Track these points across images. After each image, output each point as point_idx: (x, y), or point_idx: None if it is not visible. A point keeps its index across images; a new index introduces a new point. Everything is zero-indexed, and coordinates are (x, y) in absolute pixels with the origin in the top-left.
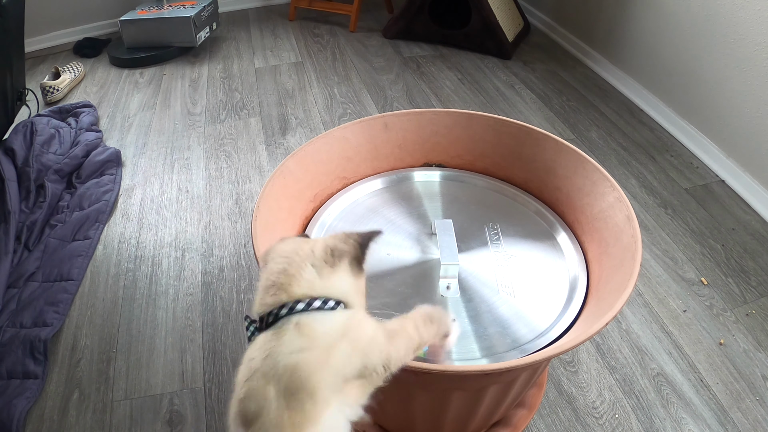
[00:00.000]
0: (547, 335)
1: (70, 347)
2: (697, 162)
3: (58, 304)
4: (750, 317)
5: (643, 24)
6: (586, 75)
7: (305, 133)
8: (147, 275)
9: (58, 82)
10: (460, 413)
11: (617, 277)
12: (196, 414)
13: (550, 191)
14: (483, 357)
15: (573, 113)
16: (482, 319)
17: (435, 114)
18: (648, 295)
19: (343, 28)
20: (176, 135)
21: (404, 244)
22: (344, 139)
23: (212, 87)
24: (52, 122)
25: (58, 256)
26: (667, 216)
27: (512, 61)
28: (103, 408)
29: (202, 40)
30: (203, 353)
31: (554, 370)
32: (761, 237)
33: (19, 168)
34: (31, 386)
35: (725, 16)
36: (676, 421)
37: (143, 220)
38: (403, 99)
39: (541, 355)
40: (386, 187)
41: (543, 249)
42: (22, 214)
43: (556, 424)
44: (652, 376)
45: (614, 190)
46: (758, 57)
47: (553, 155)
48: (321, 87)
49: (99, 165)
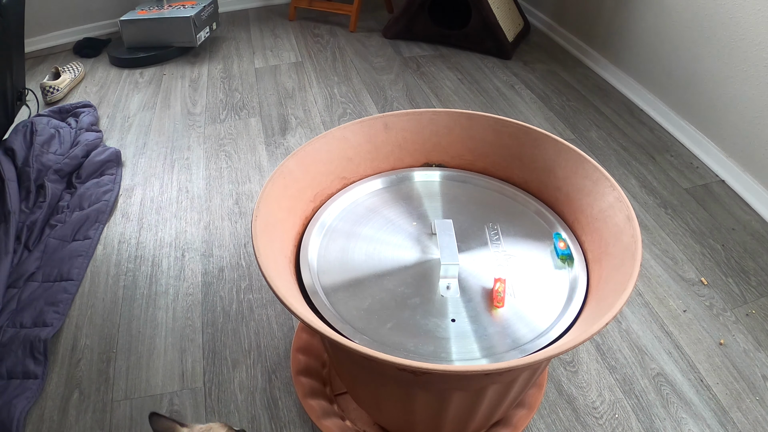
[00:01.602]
0: (547, 335)
1: (70, 347)
2: (697, 162)
3: (58, 304)
4: (750, 317)
5: (643, 24)
6: (586, 75)
7: (305, 133)
8: (147, 275)
9: (58, 82)
10: (460, 413)
11: (617, 277)
12: (196, 414)
13: (550, 191)
14: (483, 357)
15: (573, 113)
16: (482, 319)
17: (435, 114)
18: (648, 295)
19: (343, 28)
20: (176, 135)
21: (404, 244)
22: (344, 139)
23: (212, 87)
24: (52, 122)
25: (58, 256)
26: (667, 216)
27: (512, 61)
28: (103, 408)
29: (202, 40)
30: (203, 353)
31: (554, 370)
32: (761, 237)
33: (19, 168)
34: (31, 386)
35: (725, 16)
36: (676, 421)
37: (143, 220)
38: (403, 99)
39: (541, 355)
40: (386, 187)
41: (543, 249)
42: (22, 214)
43: (556, 424)
44: (652, 376)
45: (614, 190)
46: (758, 57)
47: (553, 155)
48: (321, 87)
49: (99, 165)
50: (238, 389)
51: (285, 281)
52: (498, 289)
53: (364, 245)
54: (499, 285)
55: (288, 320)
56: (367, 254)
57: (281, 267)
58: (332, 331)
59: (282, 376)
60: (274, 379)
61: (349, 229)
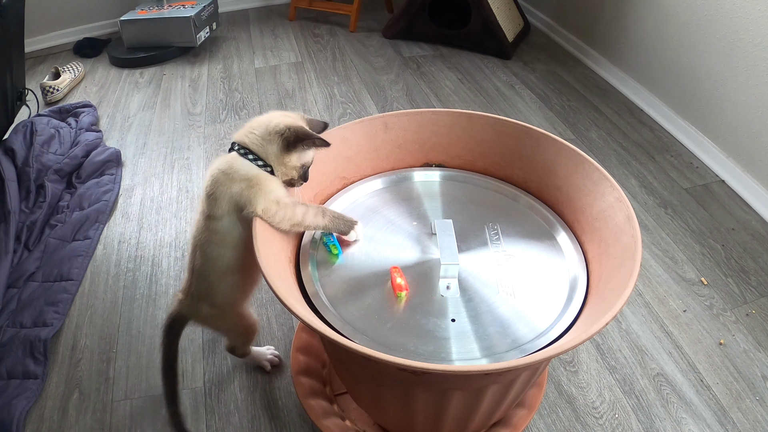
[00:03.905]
0: (547, 335)
1: (70, 347)
2: (697, 162)
3: (58, 304)
4: (750, 317)
5: (643, 24)
6: (586, 75)
7: None
8: (147, 275)
9: (58, 82)
10: (460, 413)
11: (617, 277)
12: (196, 414)
13: (550, 191)
14: (483, 357)
15: (573, 113)
16: (482, 319)
17: (435, 114)
18: (648, 295)
19: (343, 28)
20: (176, 135)
21: (404, 244)
22: (344, 139)
23: (212, 87)
24: (52, 122)
25: (58, 256)
26: (667, 216)
27: (512, 61)
28: (103, 408)
29: (202, 40)
30: (203, 353)
31: (554, 370)
32: (761, 237)
33: (19, 168)
34: (31, 386)
35: (725, 16)
36: (676, 421)
37: (143, 220)
38: (403, 99)
39: (541, 355)
40: (386, 187)
41: (543, 249)
42: (22, 214)
43: (556, 424)
44: (652, 376)
45: (614, 190)
46: (758, 57)
47: (553, 155)
48: (321, 87)
49: (99, 165)
50: (238, 389)
51: (285, 281)
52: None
53: (364, 245)
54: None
55: (288, 320)
56: (367, 254)
57: (281, 267)
58: (332, 331)
59: (282, 376)
60: (274, 379)
61: None
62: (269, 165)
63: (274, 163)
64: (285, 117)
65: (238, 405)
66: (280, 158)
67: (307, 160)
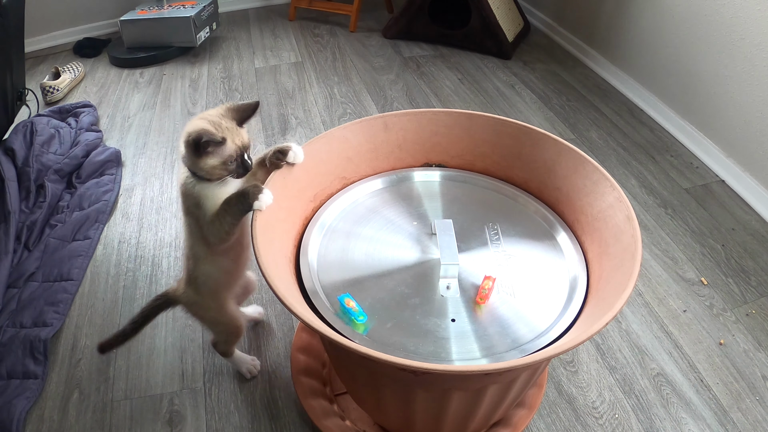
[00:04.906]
0: (547, 335)
1: (70, 347)
2: (697, 162)
3: (58, 304)
4: (750, 317)
5: (643, 24)
6: (586, 75)
7: (305, 133)
8: (147, 275)
9: (58, 82)
10: (460, 413)
11: (617, 277)
12: (196, 414)
13: (550, 191)
14: (483, 357)
15: (573, 113)
16: (482, 319)
17: (435, 114)
18: (648, 295)
19: (343, 28)
20: (176, 135)
21: (404, 244)
22: (344, 139)
23: (212, 87)
24: (52, 122)
25: (58, 256)
26: (667, 216)
27: (512, 61)
28: (103, 408)
29: (202, 40)
30: (203, 353)
31: (554, 370)
32: (761, 237)
33: (19, 168)
34: (31, 386)
35: (725, 16)
36: (676, 421)
37: (143, 220)
38: (403, 99)
39: (541, 355)
40: (386, 187)
41: (543, 249)
42: (22, 214)
43: (556, 424)
44: (652, 376)
45: (614, 190)
46: (758, 57)
47: (553, 155)
48: (321, 87)
49: (99, 165)
50: (238, 389)
51: (285, 281)
52: (484, 286)
53: (364, 245)
54: (486, 282)
55: (288, 320)
56: (367, 254)
57: (281, 267)
58: (332, 331)
59: (282, 376)
60: (274, 379)
61: (349, 229)
62: (197, 174)
63: (200, 170)
64: (198, 121)
65: (238, 405)
66: (199, 164)
67: (229, 153)
